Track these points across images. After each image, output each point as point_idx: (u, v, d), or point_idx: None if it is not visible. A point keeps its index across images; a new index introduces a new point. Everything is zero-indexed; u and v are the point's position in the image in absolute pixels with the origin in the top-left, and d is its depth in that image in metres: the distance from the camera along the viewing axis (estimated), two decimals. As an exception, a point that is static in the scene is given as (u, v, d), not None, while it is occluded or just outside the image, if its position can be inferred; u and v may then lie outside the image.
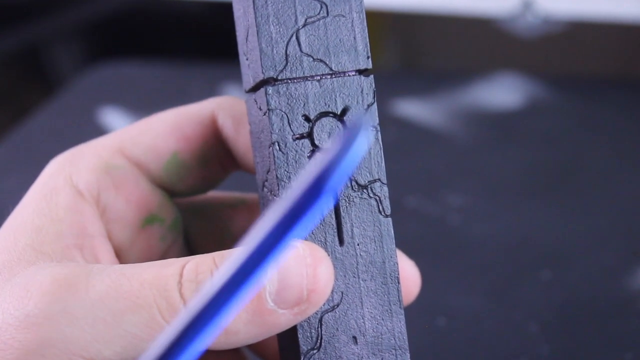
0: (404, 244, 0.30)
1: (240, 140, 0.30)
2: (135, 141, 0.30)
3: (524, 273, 0.49)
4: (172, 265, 0.25)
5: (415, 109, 0.69)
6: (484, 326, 0.45)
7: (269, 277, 0.24)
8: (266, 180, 0.27)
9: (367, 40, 0.26)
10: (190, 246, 0.32)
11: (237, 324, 0.24)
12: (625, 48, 1.01)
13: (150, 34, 1.18)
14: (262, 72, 0.26)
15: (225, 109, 0.30)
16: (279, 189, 0.26)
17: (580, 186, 0.59)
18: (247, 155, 0.30)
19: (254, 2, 0.26)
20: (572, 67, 1.02)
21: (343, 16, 0.26)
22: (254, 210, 0.32)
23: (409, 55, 1.14)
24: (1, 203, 0.61)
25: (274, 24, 0.26)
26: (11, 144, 0.68)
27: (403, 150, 0.63)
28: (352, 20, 0.26)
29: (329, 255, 0.26)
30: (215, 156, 0.31)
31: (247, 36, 0.27)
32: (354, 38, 0.26)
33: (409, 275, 0.30)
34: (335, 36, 0.26)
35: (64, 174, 0.28)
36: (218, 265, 0.24)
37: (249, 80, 0.27)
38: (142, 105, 0.71)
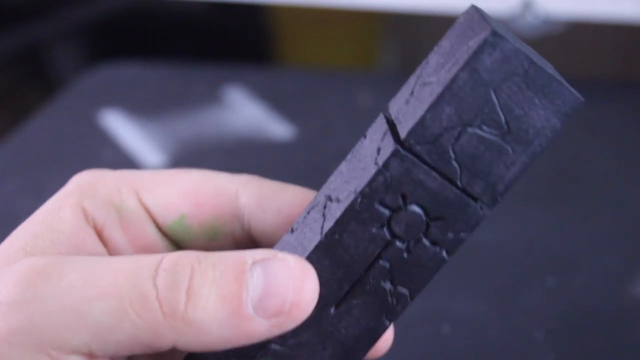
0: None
1: (268, 221, 0.28)
2: (152, 189, 0.29)
3: (529, 279, 0.49)
4: (152, 256, 0.24)
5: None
6: (489, 333, 0.45)
7: (254, 281, 0.24)
8: (325, 207, 0.26)
9: (510, 187, 0.25)
10: None
11: (210, 323, 0.23)
12: (626, 48, 1.01)
13: (151, 34, 1.18)
14: (406, 131, 0.24)
15: (252, 188, 0.29)
16: (327, 230, 0.25)
17: (584, 190, 0.58)
18: (274, 237, 0.28)
19: (457, 74, 0.24)
20: (572, 67, 1.01)
21: (513, 152, 0.24)
22: None
23: (409, 55, 1.14)
24: (1, 204, 0.61)
25: (453, 107, 0.24)
26: (11, 146, 0.68)
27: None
28: (516, 162, 0.25)
29: (317, 309, 0.25)
30: (227, 233, 0.29)
31: (428, 84, 0.25)
32: (502, 176, 0.25)
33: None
34: (491, 161, 0.24)
35: (77, 196, 0.28)
36: (202, 263, 0.24)
37: (397, 110, 0.26)
38: (143, 107, 0.71)
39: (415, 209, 0.25)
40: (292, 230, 0.27)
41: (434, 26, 1.07)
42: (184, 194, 0.29)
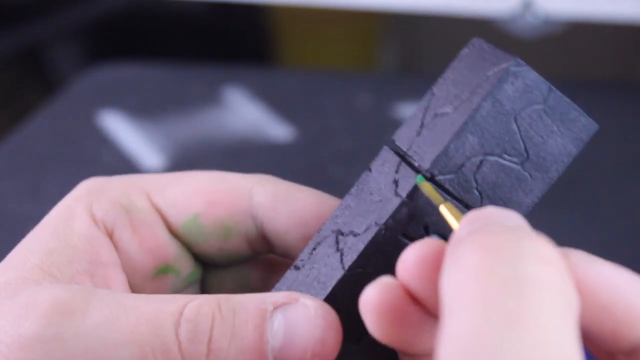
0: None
1: (281, 220, 0.28)
2: (162, 189, 0.29)
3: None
4: (174, 302, 0.24)
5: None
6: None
7: (275, 329, 0.23)
8: (337, 242, 0.26)
9: (527, 213, 0.25)
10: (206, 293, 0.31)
11: None
12: (625, 48, 1.01)
13: (151, 34, 1.18)
14: (430, 162, 0.24)
15: (265, 186, 0.29)
16: (351, 264, 0.25)
17: (585, 192, 0.58)
18: (286, 236, 0.28)
19: (480, 104, 0.24)
20: (572, 67, 1.01)
21: (532, 178, 0.25)
22: (273, 262, 0.31)
23: (409, 56, 1.14)
24: (1, 204, 0.61)
25: (476, 136, 0.24)
26: (10, 146, 0.68)
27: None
28: (534, 188, 0.25)
29: (343, 344, 0.25)
30: (240, 232, 0.29)
31: (443, 115, 0.25)
32: (521, 203, 0.25)
33: None
34: (510, 188, 0.25)
35: (85, 201, 0.28)
36: (223, 310, 0.24)
37: (407, 142, 0.26)
38: (142, 107, 0.71)
39: (437, 238, 0.25)
40: (296, 267, 0.27)
41: (433, 26, 1.07)
42: (197, 192, 0.29)
